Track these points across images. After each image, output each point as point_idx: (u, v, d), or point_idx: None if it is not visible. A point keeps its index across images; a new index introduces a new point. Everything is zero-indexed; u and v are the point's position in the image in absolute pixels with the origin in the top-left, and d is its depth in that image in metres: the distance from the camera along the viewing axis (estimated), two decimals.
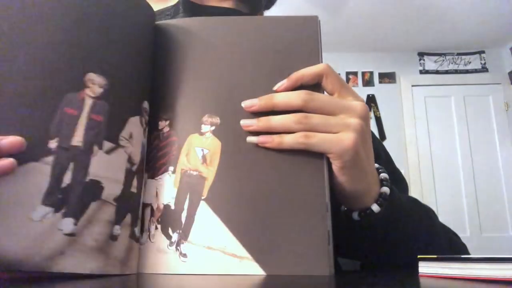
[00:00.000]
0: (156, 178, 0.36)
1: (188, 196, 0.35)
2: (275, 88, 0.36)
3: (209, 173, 0.35)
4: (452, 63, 3.32)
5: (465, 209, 3.04)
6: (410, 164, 3.11)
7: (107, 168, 0.33)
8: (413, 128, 3.20)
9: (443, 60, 3.33)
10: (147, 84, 0.37)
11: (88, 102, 0.32)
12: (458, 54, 3.32)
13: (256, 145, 0.35)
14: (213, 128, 0.36)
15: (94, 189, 0.31)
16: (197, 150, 0.36)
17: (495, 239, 2.95)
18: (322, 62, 0.38)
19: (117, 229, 0.32)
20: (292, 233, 0.33)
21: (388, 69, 3.34)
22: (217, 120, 0.36)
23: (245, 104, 0.36)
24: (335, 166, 0.35)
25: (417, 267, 0.32)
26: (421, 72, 3.33)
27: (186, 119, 0.37)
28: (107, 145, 0.33)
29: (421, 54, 3.35)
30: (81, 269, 0.30)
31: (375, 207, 0.38)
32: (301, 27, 0.38)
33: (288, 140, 0.34)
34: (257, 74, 0.37)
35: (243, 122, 0.35)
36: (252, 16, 0.38)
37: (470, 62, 3.30)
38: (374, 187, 0.38)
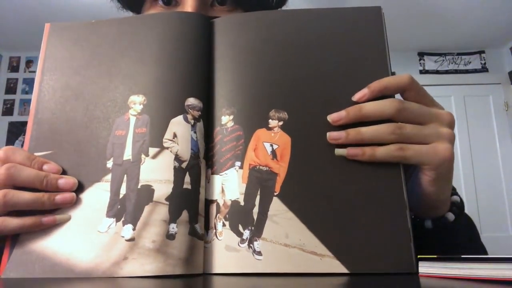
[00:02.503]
0: (221, 173, 0.35)
1: (259, 192, 0.34)
2: (354, 98, 0.34)
3: (281, 168, 0.34)
4: (452, 63, 3.32)
5: (465, 209, 3.04)
6: None
7: (155, 171, 0.35)
8: None
9: (443, 60, 3.33)
10: (192, 82, 0.37)
11: (133, 120, 0.36)
12: (458, 54, 3.31)
13: (330, 144, 0.34)
14: (281, 123, 0.35)
15: (146, 193, 0.34)
16: (266, 145, 0.35)
17: (495, 239, 2.94)
18: (388, 52, 0.36)
19: (173, 228, 0.33)
20: (374, 230, 0.32)
21: None
22: (285, 115, 0.35)
23: (332, 118, 0.34)
24: (427, 177, 0.34)
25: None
26: (421, 72, 3.33)
27: (252, 114, 0.36)
28: (153, 150, 0.35)
29: (421, 54, 3.35)
30: (142, 272, 0.31)
31: (450, 216, 0.37)
32: (365, 18, 0.38)
33: (381, 153, 0.33)
34: (323, 67, 0.36)
35: (331, 135, 0.34)
36: (313, 8, 0.38)
37: (470, 62, 3.30)
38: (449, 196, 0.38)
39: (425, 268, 0.31)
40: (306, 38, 0.37)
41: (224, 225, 0.34)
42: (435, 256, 0.30)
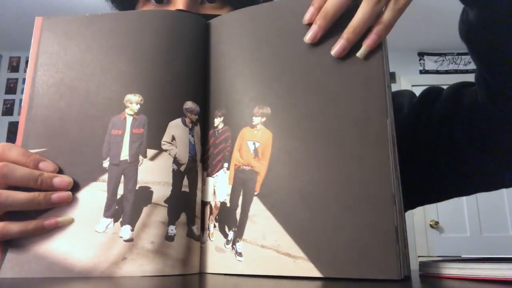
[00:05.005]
0: (213, 176, 0.36)
1: (241, 193, 0.34)
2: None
3: (261, 167, 0.33)
4: (452, 63, 3.32)
5: (465, 209, 3.04)
6: None
7: (154, 173, 0.34)
8: None
9: (443, 60, 3.33)
10: (190, 85, 0.37)
11: (129, 120, 0.36)
12: (458, 54, 3.31)
13: (307, 136, 0.32)
14: (264, 119, 0.34)
15: (145, 195, 0.34)
16: (249, 143, 0.34)
17: (495, 239, 2.95)
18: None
19: (172, 229, 0.33)
20: (352, 230, 0.29)
21: None
22: (267, 110, 0.34)
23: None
24: None
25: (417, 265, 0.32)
26: (421, 72, 3.33)
27: (239, 113, 0.35)
28: (151, 152, 0.35)
29: (421, 54, 3.35)
30: (141, 272, 0.31)
31: None
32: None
33: (389, 16, 0.32)
34: (310, 56, 0.34)
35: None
36: None
37: (470, 62, 3.30)
38: None
39: (425, 268, 0.31)
40: (294, 28, 0.35)
41: (214, 226, 0.34)
42: (435, 256, 0.30)
